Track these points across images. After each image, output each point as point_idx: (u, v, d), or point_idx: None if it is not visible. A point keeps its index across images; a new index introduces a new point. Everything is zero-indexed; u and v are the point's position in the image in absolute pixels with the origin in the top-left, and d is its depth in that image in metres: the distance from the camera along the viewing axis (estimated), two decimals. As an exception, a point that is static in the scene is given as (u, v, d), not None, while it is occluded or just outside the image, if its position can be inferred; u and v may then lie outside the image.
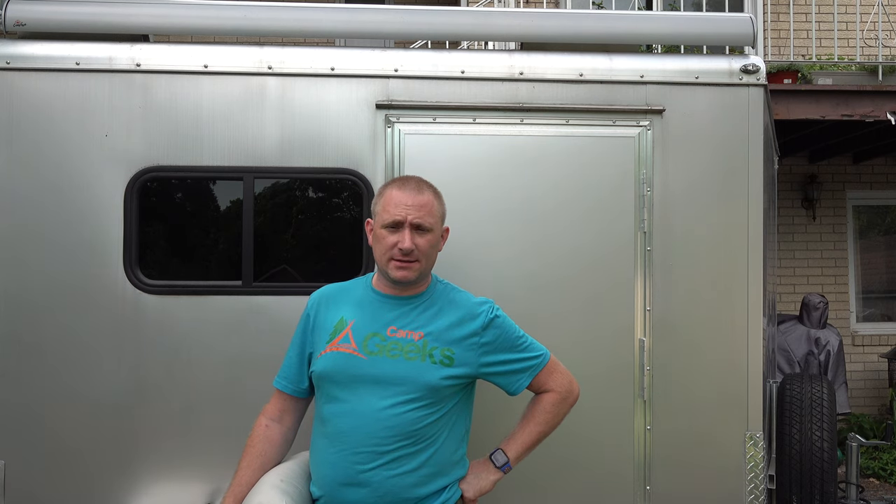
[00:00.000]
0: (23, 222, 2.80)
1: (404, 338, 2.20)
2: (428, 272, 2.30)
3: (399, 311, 2.26)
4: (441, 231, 2.31)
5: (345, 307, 2.30)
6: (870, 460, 6.67)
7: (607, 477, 2.92)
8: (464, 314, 2.26)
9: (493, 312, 2.30)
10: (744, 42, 3.12)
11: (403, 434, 2.14)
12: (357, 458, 2.15)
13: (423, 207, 2.22)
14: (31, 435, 2.78)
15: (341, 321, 2.27)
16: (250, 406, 2.80)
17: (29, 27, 2.89)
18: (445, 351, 2.20)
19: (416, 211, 2.20)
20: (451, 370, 2.19)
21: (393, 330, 2.22)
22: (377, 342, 2.20)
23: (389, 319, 2.24)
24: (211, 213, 2.96)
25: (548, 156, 2.94)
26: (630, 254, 2.94)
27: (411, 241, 2.19)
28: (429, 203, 2.24)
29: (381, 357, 2.18)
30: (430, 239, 2.23)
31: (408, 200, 2.21)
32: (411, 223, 2.20)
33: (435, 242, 2.27)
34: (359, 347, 2.21)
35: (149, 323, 2.82)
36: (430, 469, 2.18)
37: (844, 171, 7.75)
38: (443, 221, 2.32)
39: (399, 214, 2.20)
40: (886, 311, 7.98)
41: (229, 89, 2.88)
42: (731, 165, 2.98)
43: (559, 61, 2.99)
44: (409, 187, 2.25)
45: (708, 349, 2.96)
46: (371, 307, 2.28)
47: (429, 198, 2.25)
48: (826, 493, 3.39)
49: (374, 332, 2.22)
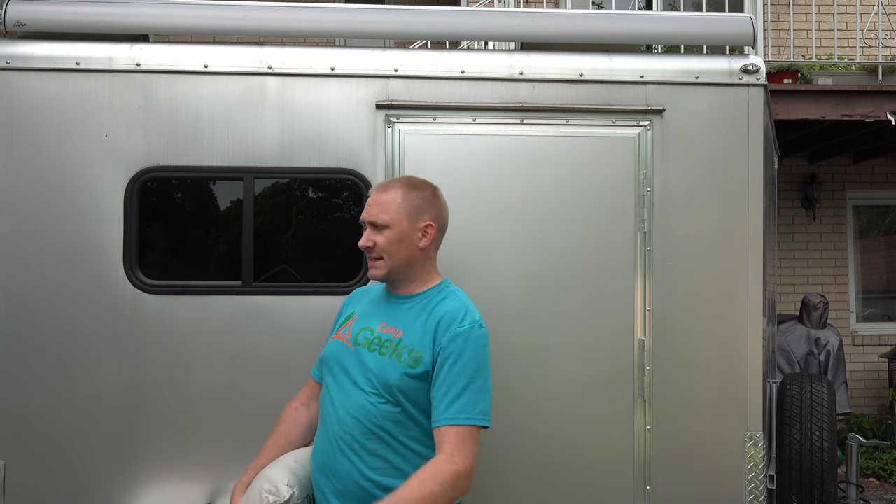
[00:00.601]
0: (23, 222, 2.80)
1: (386, 334, 2.23)
2: (409, 271, 2.28)
3: (394, 310, 2.29)
4: (410, 227, 2.25)
5: (362, 303, 2.39)
6: (870, 460, 6.67)
7: (607, 477, 2.92)
8: (441, 319, 2.19)
9: (470, 329, 2.17)
10: (744, 42, 3.12)
11: (368, 427, 2.15)
12: (330, 445, 2.19)
13: (380, 205, 2.25)
14: (31, 435, 2.78)
15: (351, 314, 2.36)
16: (250, 406, 2.81)
17: (29, 27, 2.89)
18: (414, 353, 2.18)
19: (371, 209, 2.27)
20: (412, 370, 2.16)
21: (382, 326, 2.25)
22: (366, 335, 2.25)
23: (383, 316, 2.28)
24: (211, 213, 2.96)
25: (548, 156, 2.94)
26: (630, 254, 2.94)
27: (367, 238, 2.26)
28: (388, 200, 2.25)
29: (363, 349, 2.22)
30: (388, 235, 2.23)
31: (371, 200, 2.29)
32: (367, 220, 2.27)
33: (395, 239, 2.23)
34: (350, 338, 2.27)
35: (149, 323, 2.82)
36: (393, 471, 2.15)
37: (844, 171, 7.75)
38: (413, 217, 2.25)
39: (363, 214, 2.30)
40: (886, 311, 7.98)
41: (229, 89, 2.88)
42: (731, 165, 2.98)
43: (559, 61, 2.99)
44: (378, 187, 2.32)
45: (708, 349, 2.96)
46: (376, 304, 2.35)
47: (390, 195, 2.25)
48: (826, 493, 3.39)
49: (366, 326, 2.27)
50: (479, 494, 2.79)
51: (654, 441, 2.92)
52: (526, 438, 2.89)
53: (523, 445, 2.89)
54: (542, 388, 2.89)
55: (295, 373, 2.69)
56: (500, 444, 2.87)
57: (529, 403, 2.88)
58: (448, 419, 2.10)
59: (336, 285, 2.85)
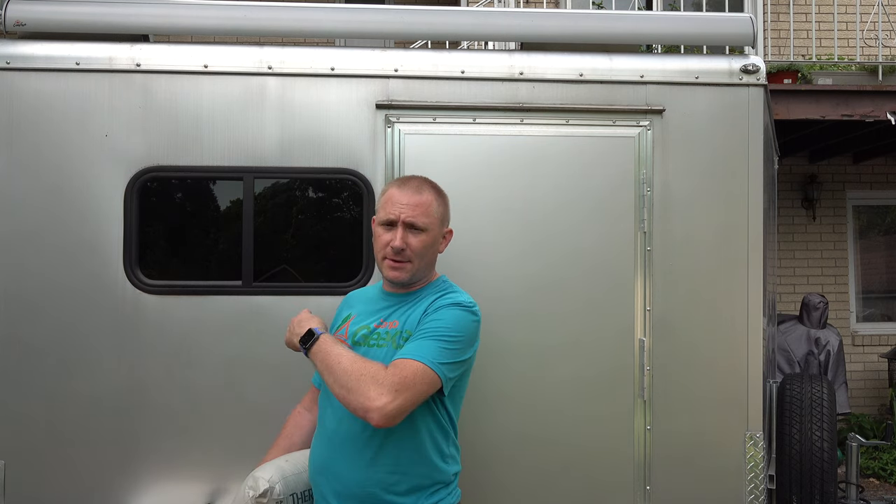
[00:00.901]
0: (23, 222, 2.80)
1: (383, 328, 2.23)
2: (424, 273, 2.29)
3: (392, 307, 2.28)
4: (440, 232, 2.29)
5: (357, 305, 2.37)
6: (870, 460, 6.68)
7: (607, 477, 2.92)
8: (432, 301, 2.21)
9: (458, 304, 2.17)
10: (744, 42, 3.12)
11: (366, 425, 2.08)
12: (329, 446, 2.18)
13: (419, 207, 2.21)
14: (31, 435, 2.78)
15: (348, 316, 2.34)
16: (250, 406, 2.81)
17: (29, 27, 2.89)
18: (405, 334, 2.17)
19: (411, 210, 2.20)
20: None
21: (379, 322, 2.25)
22: (364, 334, 2.24)
23: (380, 314, 2.27)
24: (211, 213, 2.96)
25: (548, 156, 2.94)
26: (630, 254, 2.94)
27: (402, 239, 2.18)
28: (425, 203, 2.22)
29: (361, 348, 2.21)
30: (424, 239, 2.21)
31: (404, 199, 2.21)
32: (404, 222, 2.20)
33: (430, 243, 2.24)
34: (349, 338, 2.25)
35: (149, 323, 2.82)
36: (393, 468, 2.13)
37: (844, 171, 7.75)
38: (443, 223, 2.30)
39: (393, 213, 2.20)
40: (886, 311, 7.98)
41: (229, 89, 2.88)
42: (731, 165, 2.98)
43: (559, 61, 2.99)
44: (408, 186, 2.25)
45: (708, 349, 2.96)
46: (372, 304, 2.33)
47: (427, 198, 2.24)
48: (826, 493, 3.39)
49: (364, 324, 2.26)
50: (479, 494, 2.80)
51: (654, 441, 2.92)
52: (526, 438, 2.89)
53: (523, 445, 2.89)
54: (543, 389, 2.89)
55: (295, 373, 2.69)
56: (500, 445, 2.87)
57: (529, 404, 2.89)
58: (401, 354, 2.07)
59: (336, 285, 2.84)
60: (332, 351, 2.11)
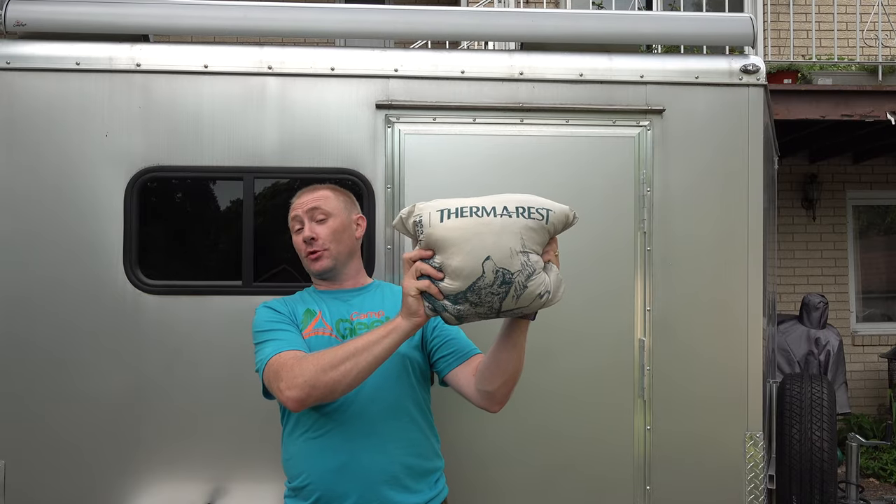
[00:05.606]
0: (23, 222, 2.80)
1: (368, 318, 2.24)
2: (347, 260, 2.31)
3: (353, 301, 2.29)
4: (349, 219, 2.33)
5: (302, 306, 2.29)
6: (870, 460, 6.68)
7: (607, 477, 2.92)
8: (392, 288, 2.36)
9: None
10: (744, 42, 3.12)
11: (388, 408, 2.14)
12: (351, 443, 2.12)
13: (317, 199, 2.31)
14: (31, 435, 2.78)
15: (308, 311, 2.26)
16: (250, 406, 2.80)
17: (29, 27, 2.89)
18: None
19: (310, 203, 2.30)
20: None
21: (356, 314, 2.26)
22: (347, 325, 2.24)
23: (349, 308, 2.28)
24: (211, 213, 2.96)
25: (548, 156, 2.94)
26: (630, 254, 2.94)
27: (311, 229, 2.27)
28: (322, 195, 2.32)
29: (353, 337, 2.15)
30: (332, 224, 2.28)
31: (302, 200, 2.33)
32: (306, 212, 2.29)
33: (338, 228, 2.29)
34: (333, 330, 2.23)
35: (149, 323, 2.82)
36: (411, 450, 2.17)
37: (844, 171, 7.75)
38: (349, 210, 2.34)
39: (296, 212, 2.32)
40: (886, 311, 7.98)
41: (229, 89, 2.88)
42: (731, 165, 2.98)
43: (559, 61, 2.99)
44: (303, 191, 2.36)
45: (708, 349, 2.96)
46: (327, 302, 2.29)
47: (322, 192, 2.33)
48: (826, 493, 3.39)
49: (341, 318, 2.25)
50: (479, 494, 2.80)
51: (654, 441, 2.92)
52: (525, 438, 2.89)
53: (523, 445, 2.89)
54: (542, 388, 2.89)
55: (295, 373, 2.68)
56: (500, 445, 2.87)
57: (529, 404, 2.88)
58: (476, 349, 2.26)
59: (336, 285, 2.84)
60: None
